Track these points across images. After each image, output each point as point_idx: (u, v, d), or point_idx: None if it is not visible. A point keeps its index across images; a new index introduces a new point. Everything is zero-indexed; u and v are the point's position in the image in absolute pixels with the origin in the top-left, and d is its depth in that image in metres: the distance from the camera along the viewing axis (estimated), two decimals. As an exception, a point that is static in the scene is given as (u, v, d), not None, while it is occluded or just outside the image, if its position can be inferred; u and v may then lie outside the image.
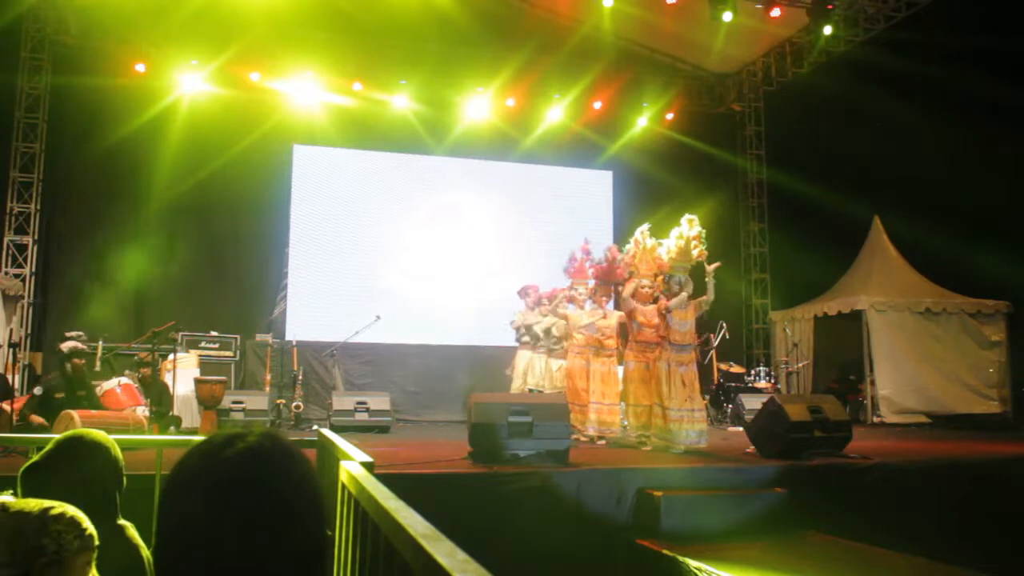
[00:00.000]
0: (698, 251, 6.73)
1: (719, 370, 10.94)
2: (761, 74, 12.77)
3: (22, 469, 2.07)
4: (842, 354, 11.93)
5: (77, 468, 2.09)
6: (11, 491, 2.00)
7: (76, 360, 6.63)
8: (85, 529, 1.65)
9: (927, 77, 9.66)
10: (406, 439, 8.01)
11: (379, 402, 8.91)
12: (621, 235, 12.79)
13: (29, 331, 10.07)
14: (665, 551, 4.27)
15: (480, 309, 11.14)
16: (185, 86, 10.71)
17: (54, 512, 1.63)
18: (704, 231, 6.79)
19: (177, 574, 1.01)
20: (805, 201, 11.14)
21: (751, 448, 6.27)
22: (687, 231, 6.74)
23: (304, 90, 11.15)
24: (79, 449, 2.15)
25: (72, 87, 10.27)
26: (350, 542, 1.91)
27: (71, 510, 1.66)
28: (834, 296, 11.85)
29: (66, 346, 6.77)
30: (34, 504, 1.64)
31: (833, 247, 11.78)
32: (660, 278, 6.96)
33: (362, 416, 8.73)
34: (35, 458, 2.12)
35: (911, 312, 11.10)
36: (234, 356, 10.02)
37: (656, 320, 6.76)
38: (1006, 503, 5.53)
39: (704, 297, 6.66)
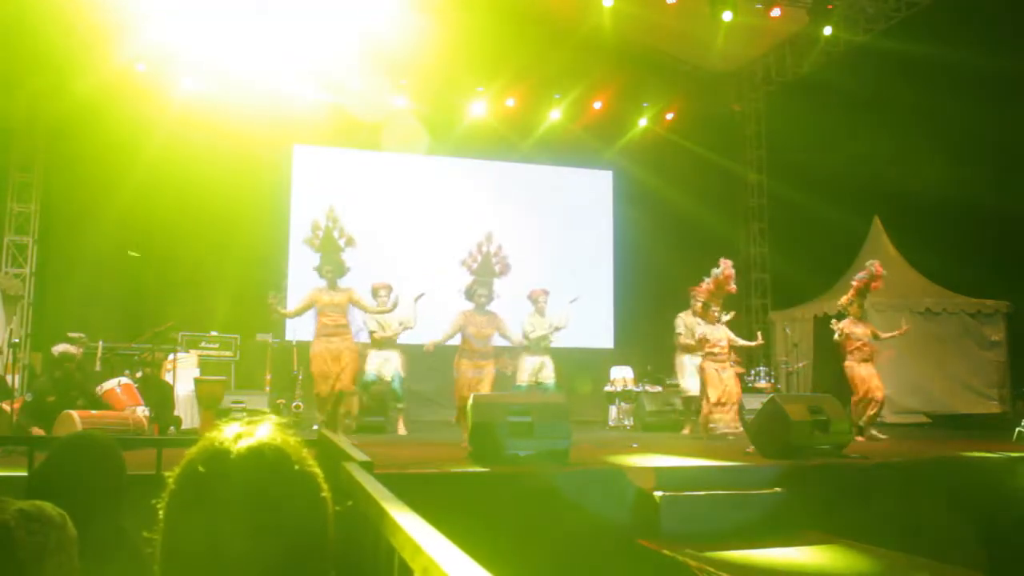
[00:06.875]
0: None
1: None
2: (761, 73, 12.75)
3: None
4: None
5: (76, 470, 2.08)
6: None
7: (67, 364, 6.60)
8: (57, 527, 1.53)
9: (927, 76, 9.65)
10: (406, 439, 8.01)
11: (379, 402, 8.91)
12: (621, 235, 12.83)
13: (29, 331, 10.06)
14: (665, 551, 4.26)
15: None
16: (185, 86, 10.70)
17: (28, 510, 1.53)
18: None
19: (180, 572, 1.01)
20: (805, 200, 11.14)
21: (751, 448, 6.27)
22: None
23: (304, 90, 11.13)
24: (78, 450, 2.14)
25: (72, 86, 10.25)
26: (350, 542, 1.91)
27: (46, 509, 1.57)
28: (834, 296, 11.82)
29: (56, 350, 6.73)
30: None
31: (833, 247, 11.76)
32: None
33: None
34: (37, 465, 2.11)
35: (911, 312, 11.07)
36: (234, 356, 10.02)
37: None
38: (1006, 503, 5.52)
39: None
